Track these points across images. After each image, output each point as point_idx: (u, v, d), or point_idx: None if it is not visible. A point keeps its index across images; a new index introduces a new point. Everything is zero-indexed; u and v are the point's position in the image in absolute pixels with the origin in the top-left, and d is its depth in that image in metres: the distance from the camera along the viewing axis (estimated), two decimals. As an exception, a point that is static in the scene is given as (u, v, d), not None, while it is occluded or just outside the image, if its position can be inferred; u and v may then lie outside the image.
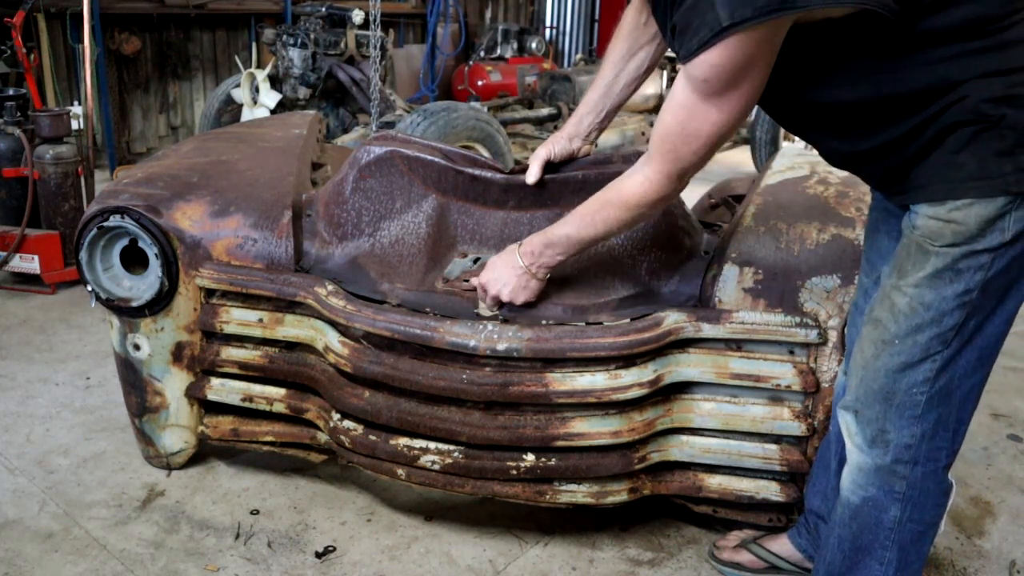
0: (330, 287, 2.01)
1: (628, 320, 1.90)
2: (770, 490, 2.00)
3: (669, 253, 1.99)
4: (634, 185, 1.60)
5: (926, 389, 1.44)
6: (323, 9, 5.21)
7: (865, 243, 1.73)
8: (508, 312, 1.90)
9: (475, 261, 2.04)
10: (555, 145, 2.03)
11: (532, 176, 2.02)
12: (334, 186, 2.11)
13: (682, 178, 1.55)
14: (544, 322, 1.89)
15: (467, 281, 1.98)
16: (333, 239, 2.10)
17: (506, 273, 1.84)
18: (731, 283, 1.92)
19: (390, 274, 2.03)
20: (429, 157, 2.07)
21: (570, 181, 2.03)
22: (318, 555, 2.04)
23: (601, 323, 1.89)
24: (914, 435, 1.47)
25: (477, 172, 2.06)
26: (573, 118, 2.05)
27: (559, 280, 1.94)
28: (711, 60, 1.29)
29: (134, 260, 2.17)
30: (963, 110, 1.30)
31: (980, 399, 1.51)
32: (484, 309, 1.91)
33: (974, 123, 1.30)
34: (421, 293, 1.98)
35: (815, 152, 1.64)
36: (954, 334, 1.40)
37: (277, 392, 2.16)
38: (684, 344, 1.92)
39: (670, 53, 1.89)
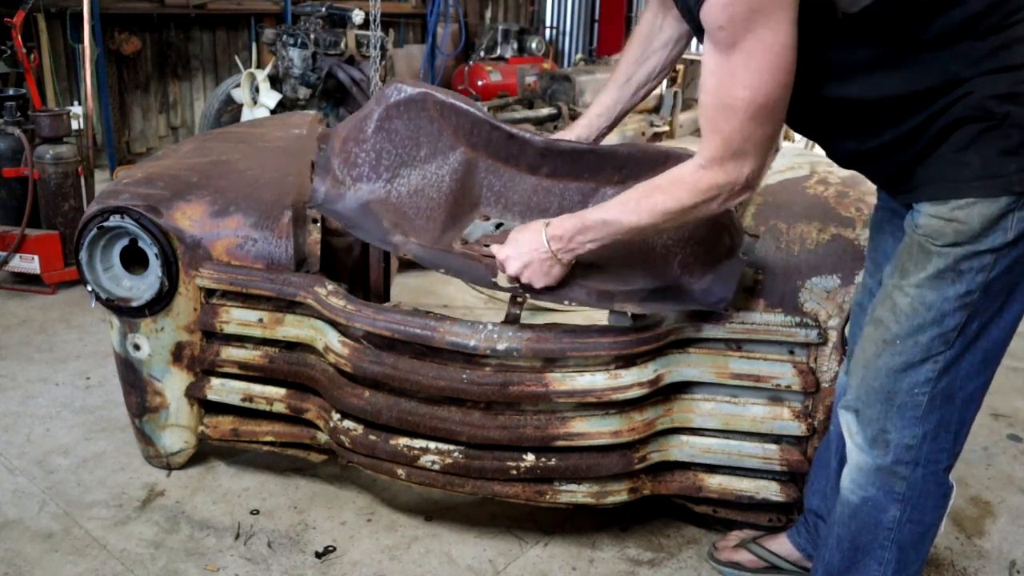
0: (330, 287, 2.01)
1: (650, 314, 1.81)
2: (770, 490, 2.00)
3: (706, 249, 1.87)
4: (686, 172, 1.48)
5: (927, 390, 1.44)
6: (323, 9, 5.22)
7: (869, 243, 1.73)
8: (526, 290, 1.77)
9: (497, 226, 1.93)
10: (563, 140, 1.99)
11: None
12: (356, 122, 1.97)
13: (736, 162, 1.40)
14: (565, 303, 1.78)
15: (487, 247, 1.86)
16: (347, 178, 1.97)
17: (529, 253, 1.71)
18: (731, 283, 1.92)
19: (404, 226, 1.90)
20: (465, 106, 1.95)
21: (613, 155, 1.93)
22: (318, 555, 2.04)
23: (626, 313, 1.79)
24: (915, 436, 1.47)
25: (515, 131, 1.94)
26: (583, 119, 2.00)
27: (582, 266, 1.83)
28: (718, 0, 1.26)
29: (134, 260, 2.17)
30: (968, 106, 1.30)
31: (983, 402, 1.51)
32: (503, 279, 1.79)
33: (979, 120, 1.30)
34: (436, 251, 1.85)
35: (815, 152, 1.64)
36: (956, 335, 1.39)
37: (277, 392, 2.16)
38: (684, 344, 1.92)
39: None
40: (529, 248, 1.70)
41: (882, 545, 1.56)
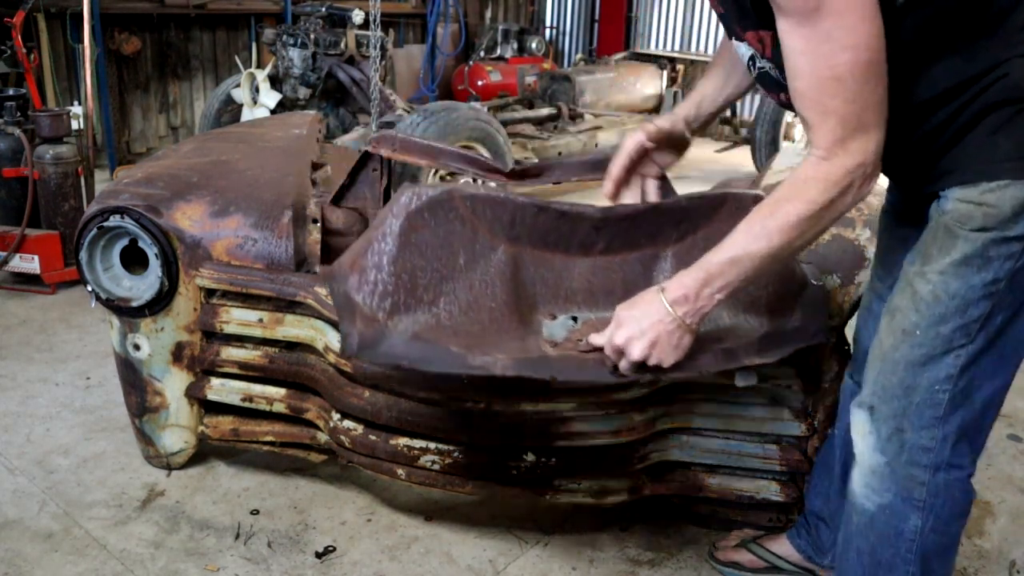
0: (330, 287, 2.00)
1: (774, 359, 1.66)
2: (770, 490, 2.00)
3: (784, 285, 1.73)
4: (808, 170, 1.30)
5: (949, 387, 1.36)
6: (323, 9, 5.21)
7: (877, 247, 1.66)
8: (656, 373, 1.51)
9: (574, 320, 1.70)
10: (663, 122, 1.77)
11: (633, 144, 1.73)
12: (371, 244, 1.66)
13: (860, 138, 1.25)
14: (698, 374, 1.57)
15: (581, 341, 1.62)
16: (380, 313, 1.64)
17: (653, 328, 1.44)
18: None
19: (479, 345, 1.60)
20: (502, 195, 1.71)
21: (671, 210, 1.74)
22: (318, 555, 2.04)
23: (752, 370, 1.64)
24: (934, 438, 1.39)
25: (566, 208, 1.72)
26: (688, 102, 1.79)
27: None
28: None
29: (134, 260, 2.17)
30: (1004, 88, 1.25)
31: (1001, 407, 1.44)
32: (627, 368, 1.51)
33: (1013, 102, 1.25)
34: (534, 360, 1.58)
35: None
36: (979, 327, 1.32)
37: (277, 392, 2.16)
38: (684, 344, 1.90)
39: (669, 53, 1.87)
40: (651, 323, 1.44)
41: (904, 559, 1.45)
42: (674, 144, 1.81)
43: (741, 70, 1.66)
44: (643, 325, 1.45)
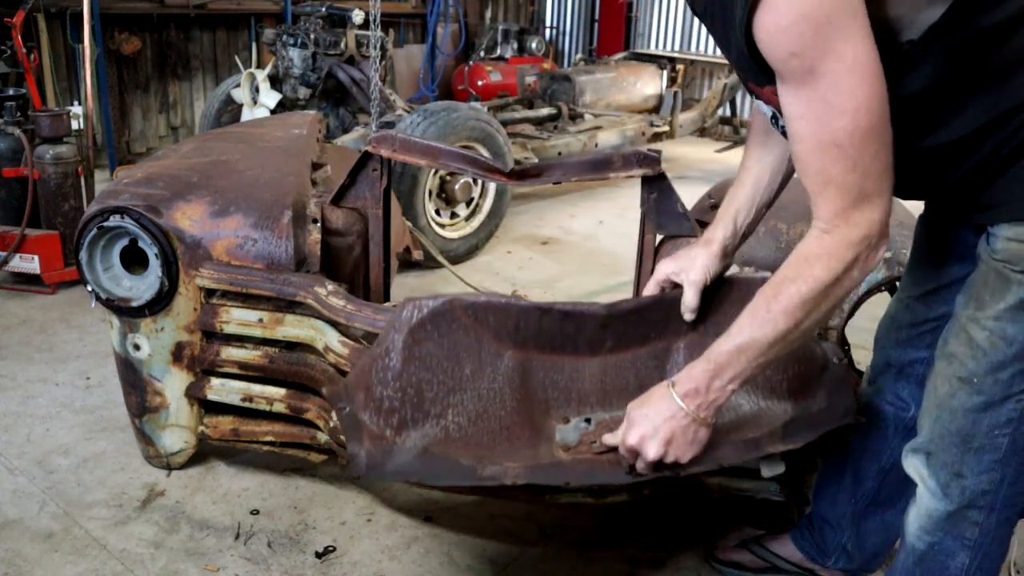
0: (330, 287, 2.01)
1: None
2: (770, 490, 1.99)
3: (805, 367, 1.69)
4: (811, 246, 1.26)
5: (1009, 431, 1.33)
6: (323, 9, 5.21)
7: (910, 256, 1.61)
8: (674, 470, 1.48)
9: (587, 421, 1.66)
10: (709, 263, 1.65)
11: (689, 307, 1.64)
12: (375, 361, 1.63)
13: (863, 209, 1.20)
14: (719, 465, 1.54)
15: (595, 443, 1.60)
16: (387, 430, 1.62)
17: (667, 425, 1.39)
18: (731, 283, 1.91)
19: (489, 457, 1.59)
20: (503, 301, 1.67)
21: (677, 300, 1.69)
22: (318, 555, 2.04)
23: (778, 457, 1.61)
24: (993, 481, 1.37)
25: (570, 308, 1.68)
26: (719, 224, 1.65)
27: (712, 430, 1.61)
28: (777, 21, 1.10)
29: (134, 260, 2.17)
30: None
31: None
32: (643, 467, 1.47)
33: None
34: (548, 467, 1.56)
35: None
36: None
37: (277, 392, 2.16)
38: (684, 344, 1.90)
39: (669, 53, 1.83)
40: (663, 420, 1.40)
41: None
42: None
43: (772, 162, 1.59)
44: (656, 423, 1.40)
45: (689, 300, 1.64)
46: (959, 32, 1.17)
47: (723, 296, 1.69)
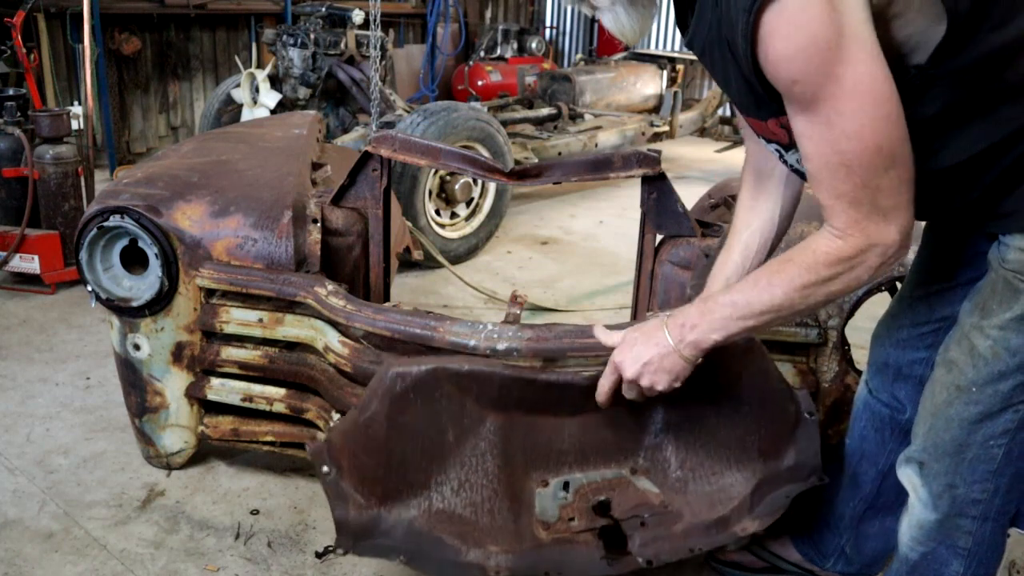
0: (330, 287, 2.01)
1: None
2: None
3: (776, 425, 1.71)
4: (821, 243, 1.25)
5: (1004, 441, 1.32)
6: (323, 9, 5.21)
7: (918, 254, 1.59)
8: (645, 554, 1.55)
9: (565, 487, 1.70)
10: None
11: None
12: (358, 428, 1.61)
13: (879, 221, 1.19)
14: (691, 550, 1.61)
15: (572, 520, 1.65)
16: (372, 500, 1.62)
17: (647, 350, 1.45)
18: (731, 283, 1.91)
19: (472, 535, 1.62)
20: (488, 369, 1.66)
21: None
22: (318, 555, 2.04)
23: (746, 533, 1.64)
24: (986, 491, 1.36)
25: (554, 377, 1.68)
26: (713, 287, 1.63)
27: (678, 493, 1.70)
28: (778, 48, 1.11)
29: (134, 260, 2.17)
30: None
31: None
32: (628, 390, 1.53)
33: None
34: (528, 553, 1.59)
35: None
36: None
37: (277, 392, 2.16)
38: (684, 344, 1.90)
39: (669, 53, 1.81)
40: (647, 343, 1.45)
41: None
42: None
43: (762, 226, 1.59)
44: (639, 348, 1.46)
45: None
46: (964, 52, 1.16)
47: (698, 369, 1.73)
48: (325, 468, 1.58)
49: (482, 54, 8.83)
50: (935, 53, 1.16)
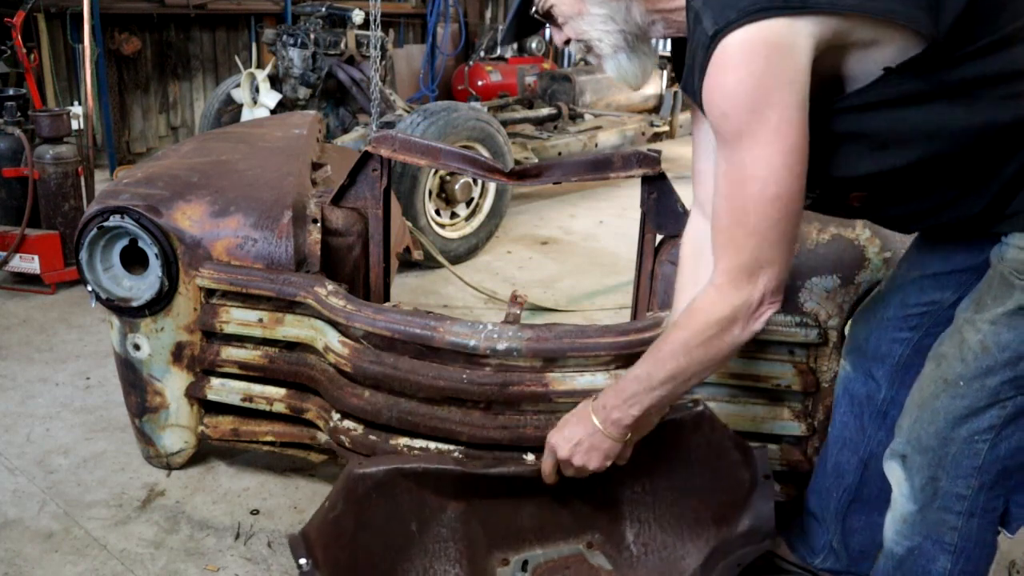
0: (330, 287, 2.01)
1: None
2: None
3: (730, 493, 1.75)
4: (700, 299, 1.35)
5: (990, 437, 1.32)
6: (323, 9, 5.20)
7: (914, 241, 1.60)
8: (580, 475, 1.61)
9: (524, 565, 1.78)
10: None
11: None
12: (327, 525, 1.69)
13: (750, 277, 1.27)
14: None
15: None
16: None
17: (577, 431, 1.55)
18: (731, 283, 1.92)
19: None
20: (444, 467, 1.74)
21: None
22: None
23: None
24: (970, 486, 1.36)
25: (513, 470, 1.76)
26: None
27: (631, 568, 1.76)
28: (718, 80, 1.18)
29: (134, 260, 2.17)
30: None
31: None
32: (563, 470, 1.62)
33: None
34: None
35: None
36: None
37: (277, 392, 2.16)
38: (684, 344, 1.91)
39: (669, 53, 1.81)
40: (577, 427, 1.56)
41: None
42: None
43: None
44: (570, 430, 1.56)
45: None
46: (940, 64, 1.20)
47: (654, 435, 1.76)
48: (302, 560, 1.61)
49: (482, 54, 8.83)
50: (907, 62, 1.20)
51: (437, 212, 4.21)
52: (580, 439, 1.54)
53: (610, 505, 1.78)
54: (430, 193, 4.09)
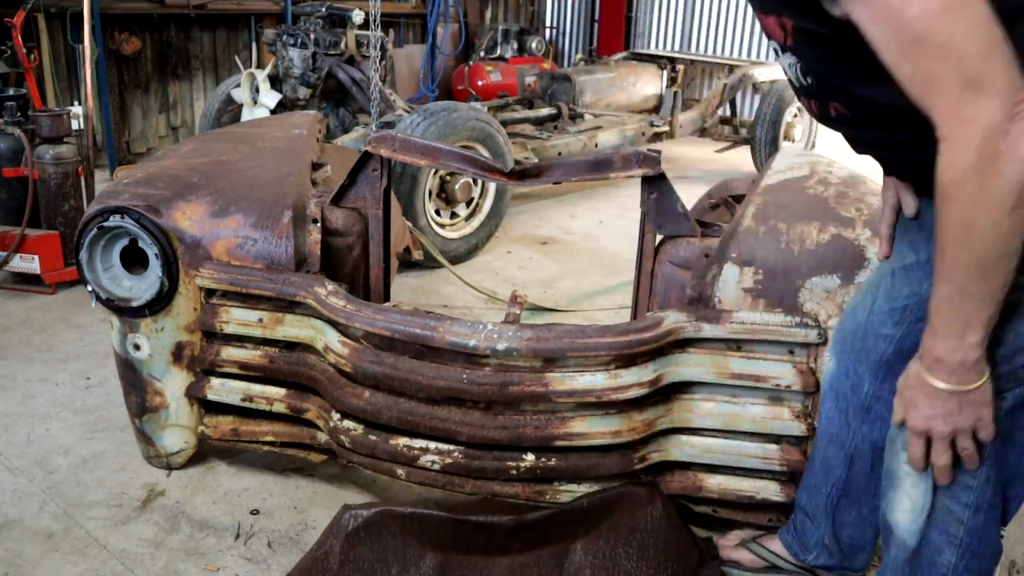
0: (330, 287, 2.01)
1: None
2: (770, 490, 2.00)
3: (680, 567, 1.85)
4: (942, 165, 1.09)
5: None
6: (323, 9, 5.21)
7: (895, 252, 1.55)
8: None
9: None
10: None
11: (887, 229, 1.54)
12: (315, 561, 1.82)
13: (973, 98, 1.02)
14: None
15: None
16: None
17: (932, 408, 1.27)
18: (731, 283, 1.92)
19: None
20: (427, 512, 1.88)
21: (574, 511, 1.91)
22: None
23: None
24: (976, 477, 1.35)
25: (481, 519, 1.90)
26: None
27: None
28: None
29: (134, 260, 2.18)
30: None
31: None
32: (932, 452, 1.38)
33: None
34: None
35: (815, 152, 1.57)
36: None
37: (277, 392, 2.16)
38: (684, 344, 1.92)
39: (669, 53, 1.77)
40: (928, 405, 1.28)
41: None
42: None
43: None
44: (923, 410, 1.29)
45: (892, 200, 1.52)
46: None
47: (614, 506, 1.88)
48: None
49: (482, 54, 8.83)
50: None
51: (437, 212, 4.21)
52: (945, 411, 1.26)
53: (570, 571, 1.81)
54: (430, 193, 4.09)
